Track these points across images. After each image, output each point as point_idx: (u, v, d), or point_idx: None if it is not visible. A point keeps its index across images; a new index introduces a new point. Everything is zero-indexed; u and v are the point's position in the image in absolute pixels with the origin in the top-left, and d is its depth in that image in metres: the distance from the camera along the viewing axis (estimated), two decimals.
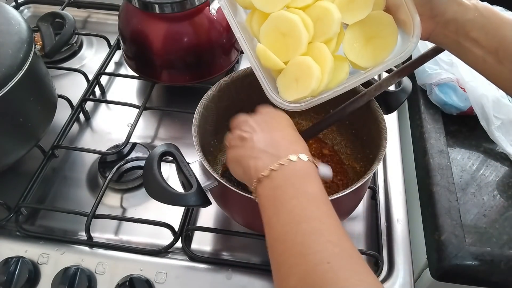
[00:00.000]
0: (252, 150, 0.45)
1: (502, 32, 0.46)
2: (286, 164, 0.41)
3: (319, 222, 0.38)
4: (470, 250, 0.63)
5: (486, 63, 0.47)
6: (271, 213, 0.41)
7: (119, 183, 0.72)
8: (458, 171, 0.73)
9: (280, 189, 0.41)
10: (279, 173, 0.41)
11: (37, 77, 0.70)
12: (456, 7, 0.46)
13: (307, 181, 0.41)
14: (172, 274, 0.61)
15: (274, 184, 0.41)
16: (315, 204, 0.39)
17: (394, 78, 0.59)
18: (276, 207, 0.40)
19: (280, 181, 0.41)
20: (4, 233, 0.66)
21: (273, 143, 0.45)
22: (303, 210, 0.39)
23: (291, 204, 0.39)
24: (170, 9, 0.75)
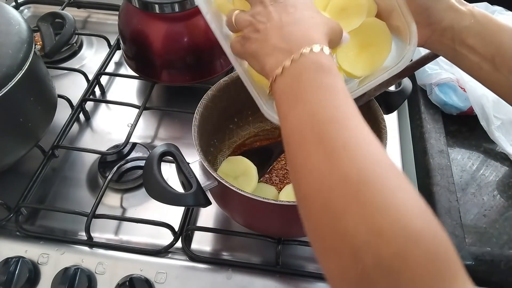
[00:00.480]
0: (267, 45, 0.43)
1: (499, 39, 0.46)
2: (298, 59, 0.39)
3: (335, 110, 0.36)
4: (470, 250, 0.63)
5: (483, 70, 0.48)
6: (286, 108, 0.40)
7: (119, 183, 0.72)
8: (458, 171, 0.73)
9: (295, 84, 0.39)
10: (292, 69, 0.40)
11: (37, 77, 0.70)
12: (453, 14, 0.46)
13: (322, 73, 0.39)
14: (172, 274, 0.61)
15: (288, 80, 0.40)
16: (331, 93, 0.38)
17: (394, 79, 0.59)
18: (292, 101, 0.39)
19: (294, 76, 0.40)
20: (4, 233, 0.66)
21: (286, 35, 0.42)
22: (320, 101, 0.37)
23: (306, 96, 0.38)
24: (170, 9, 0.75)
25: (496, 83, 0.48)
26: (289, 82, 0.40)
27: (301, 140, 0.37)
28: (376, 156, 0.34)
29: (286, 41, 0.41)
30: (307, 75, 0.39)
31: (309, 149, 0.35)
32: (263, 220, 0.60)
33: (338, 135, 0.35)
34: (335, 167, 0.33)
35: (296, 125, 0.38)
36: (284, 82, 0.40)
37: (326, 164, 0.34)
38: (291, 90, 0.40)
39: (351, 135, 0.35)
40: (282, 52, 0.41)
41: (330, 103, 0.37)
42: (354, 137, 0.35)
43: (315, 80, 0.39)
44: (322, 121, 0.36)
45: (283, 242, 0.63)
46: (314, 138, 0.36)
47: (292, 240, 0.64)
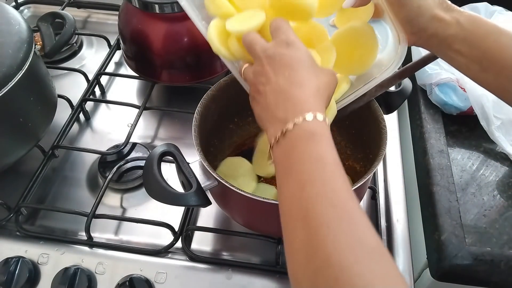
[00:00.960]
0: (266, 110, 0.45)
1: (486, 43, 0.46)
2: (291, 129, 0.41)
3: (322, 185, 0.37)
4: (470, 250, 0.63)
5: (471, 70, 0.49)
6: (281, 178, 0.41)
7: (119, 183, 0.72)
8: (458, 171, 0.73)
9: (287, 154, 0.41)
10: (286, 139, 0.41)
11: (37, 77, 0.70)
12: (436, 24, 0.46)
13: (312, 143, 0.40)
14: (172, 274, 0.61)
15: (283, 149, 0.42)
16: (320, 166, 0.39)
17: (395, 79, 0.59)
18: (284, 172, 0.41)
19: (288, 146, 0.41)
20: (4, 233, 0.66)
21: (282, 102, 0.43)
22: (307, 174, 0.38)
23: (296, 168, 0.39)
24: (170, 9, 0.75)
25: (485, 82, 0.49)
26: (283, 152, 0.41)
27: (291, 215, 0.38)
28: (359, 238, 0.35)
29: (282, 110, 0.43)
30: (299, 145, 0.40)
31: (297, 226, 0.37)
32: (263, 220, 0.60)
33: (322, 213, 0.35)
34: (319, 248, 0.34)
35: (288, 199, 0.39)
36: (279, 152, 0.42)
37: (311, 244, 0.35)
38: (284, 161, 0.41)
39: (336, 213, 0.35)
40: (279, 122, 0.42)
41: (318, 176, 0.38)
42: (338, 215, 0.35)
43: (306, 152, 0.40)
44: (309, 196, 0.37)
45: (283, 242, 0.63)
46: (301, 214, 0.37)
47: None
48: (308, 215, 0.36)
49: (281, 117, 0.43)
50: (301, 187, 0.38)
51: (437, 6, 0.46)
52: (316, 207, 0.36)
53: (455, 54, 0.48)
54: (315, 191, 0.37)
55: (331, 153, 0.40)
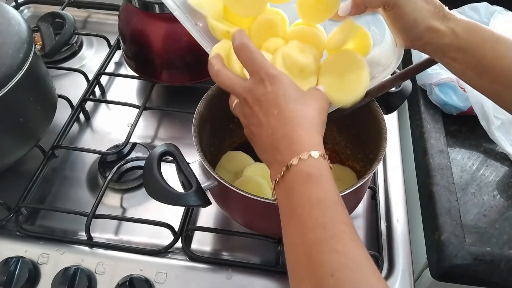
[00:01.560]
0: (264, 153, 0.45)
1: (481, 51, 0.46)
2: (289, 171, 0.41)
3: (323, 230, 0.37)
4: (470, 250, 0.63)
5: (466, 76, 0.49)
6: (284, 222, 0.41)
7: (119, 183, 0.72)
8: (458, 171, 0.73)
9: (288, 198, 0.41)
10: (285, 181, 0.41)
11: (37, 77, 0.70)
12: (431, 34, 0.46)
13: (310, 185, 0.40)
14: (172, 274, 0.61)
15: (283, 192, 0.42)
16: (320, 210, 0.39)
17: (397, 80, 0.59)
18: (286, 215, 0.41)
19: (287, 189, 0.41)
20: (4, 233, 0.66)
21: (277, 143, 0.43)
22: (308, 219, 0.38)
23: (296, 213, 0.40)
24: None
25: (480, 87, 0.50)
26: (284, 195, 0.42)
27: (296, 262, 0.38)
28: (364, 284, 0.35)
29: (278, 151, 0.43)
30: (297, 188, 0.40)
31: (302, 274, 0.37)
32: (263, 220, 0.60)
33: (326, 261, 0.36)
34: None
35: (291, 245, 0.40)
36: (280, 193, 0.42)
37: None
38: (285, 204, 0.42)
39: (339, 260, 0.36)
40: (278, 163, 0.43)
41: (318, 221, 0.38)
42: (342, 263, 0.36)
43: (304, 194, 0.40)
44: (312, 243, 0.37)
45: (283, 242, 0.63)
46: (305, 261, 0.37)
47: None
48: (312, 263, 0.36)
49: (279, 159, 0.43)
50: (303, 232, 0.38)
51: (432, 17, 0.46)
52: (319, 255, 0.36)
53: (450, 60, 0.48)
54: (317, 237, 0.37)
55: (330, 194, 0.40)
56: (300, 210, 0.39)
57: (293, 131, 0.43)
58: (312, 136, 0.43)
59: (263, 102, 0.44)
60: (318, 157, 0.41)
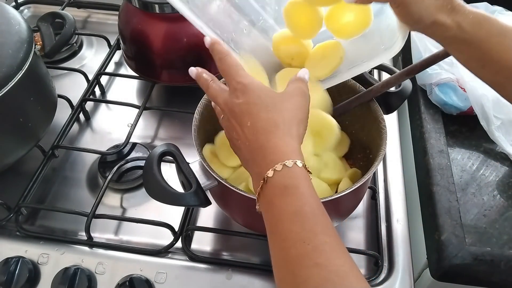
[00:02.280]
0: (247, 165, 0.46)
1: (487, 45, 0.46)
2: (266, 183, 0.41)
3: (303, 244, 0.37)
4: (470, 250, 0.63)
5: (469, 65, 0.49)
6: (268, 236, 0.41)
7: (119, 183, 0.72)
8: (458, 171, 0.73)
9: (268, 212, 0.41)
10: (264, 194, 0.41)
11: (37, 77, 0.70)
12: (436, 28, 0.46)
13: (286, 198, 0.40)
14: (172, 274, 0.61)
15: (264, 206, 0.42)
16: (299, 223, 0.38)
17: (402, 76, 0.59)
18: (269, 229, 0.41)
19: (267, 203, 0.41)
20: (4, 233, 0.66)
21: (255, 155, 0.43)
22: (288, 234, 0.38)
23: (277, 228, 0.39)
24: (170, 9, 0.75)
25: (483, 78, 0.50)
26: (266, 209, 0.42)
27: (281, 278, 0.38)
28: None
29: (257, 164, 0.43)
30: (276, 202, 0.40)
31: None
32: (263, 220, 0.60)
33: (309, 276, 0.36)
34: None
35: (276, 261, 0.39)
36: (262, 207, 0.42)
37: None
38: (267, 218, 0.41)
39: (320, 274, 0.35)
40: (257, 176, 0.43)
41: (298, 235, 0.38)
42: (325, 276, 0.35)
43: (282, 208, 0.40)
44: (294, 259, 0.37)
45: None
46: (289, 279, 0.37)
47: None
48: (296, 280, 0.36)
49: (257, 171, 0.43)
50: (285, 248, 0.38)
51: (439, 10, 0.45)
52: (302, 271, 0.36)
53: (454, 51, 0.49)
54: (298, 252, 0.37)
55: (307, 204, 0.39)
56: (281, 225, 0.39)
57: (267, 141, 0.42)
58: (287, 143, 0.42)
59: (237, 114, 0.44)
60: (292, 166, 0.40)
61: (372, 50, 0.53)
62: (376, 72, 0.90)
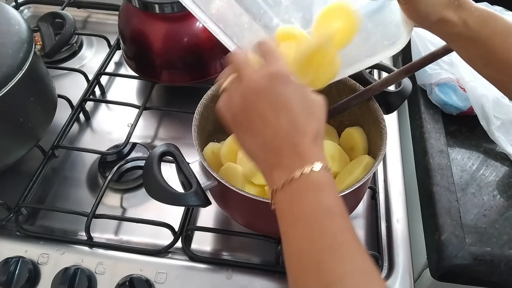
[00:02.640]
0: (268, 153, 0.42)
1: (491, 43, 0.46)
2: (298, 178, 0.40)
3: (333, 238, 0.37)
4: (470, 250, 0.63)
5: (472, 63, 0.49)
6: (286, 227, 0.40)
7: (119, 183, 0.72)
8: (458, 171, 0.73)
9: (294, 203, 0.40)
10: (292, 187, 0.40)
11: (37, 77, 0.70)
12: (442, 24, 0.46)
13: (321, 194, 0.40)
14: (172, 274, 0.61)
15: (288, 198, 0.41)
16: (329, 218, 0.39)
17: (401, 74, 0.59)
18: (291, 221, 0.40)
19: (294, 195, 0.40)
20: (4, 233, 0.66)
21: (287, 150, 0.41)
22: (317, 226, 0.38)
23: (305, 219, 0.39)
24: (170, 9, 0.75)
25: (486, 76, 0.50)
26: (289, 200, 0.40)
27: (301, 266, 0.38)
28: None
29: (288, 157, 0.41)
30: (306, 196, 0.39)
31: (308, 278, 0.37)
32: (263, 220, 0.60)
33: (335, 267, 0.36)
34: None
35: (296, 249, 0.39)
36: (284, 198, 0.41)
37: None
38: (291, 209, 0.40)
39: (347, 267, 0.36)
40: (284, 169, 0.41)
41: (328, 229, 0.38)
42: (350, 270, 0.36)
43: (314, 202, 0.39)
44: (320, 249, 0.37)
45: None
46: (312, 267, 0.37)
47: None
48: (320, 268, 0.36)
49: (287, 164, 0.41)
50: (310, 239, 0.38)
51: (446, 6, 0.46)
52: (328, 261, 0.36)
53: (458, 48, 0.48)
54: (326, 243, 0.37)
55: (338, 205, 0.40)
56: (309, 217, 0.39)
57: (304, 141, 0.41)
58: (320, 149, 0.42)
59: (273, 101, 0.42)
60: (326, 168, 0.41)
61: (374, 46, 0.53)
62: (376, 72, 0.90)
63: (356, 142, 0.65)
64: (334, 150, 0.65)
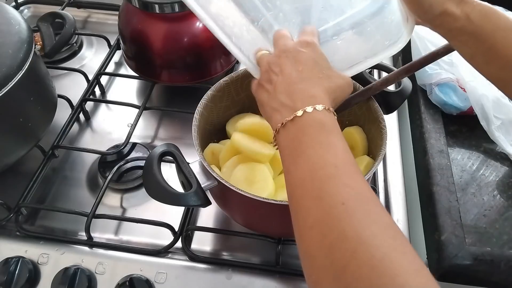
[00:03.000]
0: (274, 99, 0.46)
1: (493, 39, 0.46)
2: (301, 116, 0.42)
3: (335, 168, 0.38)
4: (470, 250, 0.63)
5: (474, 60, 0.49)
6: (289, 162, 0.42)
7: (119, 183, 0.72)
8: (458, 171, 0.73)
9: (297, 140, 0.42)
10: (295, 124, 0.42)
11: (37, 77, 0.70)
12: (444, 18, 0.46)
13: (323, 131, 0.41)
14: (172, 274, 0.61)
15: (291, 135, 0.42)
16: (332, 151, 0.40)
17: (401, 74, 0.59)
18: (294, 156, 0.41)
19: (297, 132, 0.42)
20: (4, 233, 0.66)
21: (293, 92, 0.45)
22: (320, 158, 0.39)
23: (307, 153, 0.40)
24: (170, 9, 0.75)
25: (487, 74, 0.50)
26: (292, 137, 0.42)
27: (303, 195, 0.39)
28: (374, 215, 0.35)
29: (292, 99, 0.44)
30: (309, 132, 0.41)
31: (310, 205, 0.37)
32: (263, 220, 0.60)
33: (337, 192, 0.36)
34: (334, 224, 0.35)
35: (298, 180, 0.40)
36: (287, 136, 0.43)
37: (326, 221, 0.35)
38: (293, 145, 0.42)
39: (350, 192, 0.36)
40: (288, 109, 0.44)
41: (330, 161, 0.39)
42: (353, 195, 0.36)
43: (317, 138, 0.41)
44: (322, 177, 0.38)
45: (283, 242, 0.63)
46: (314, 193, 0.37)
47: (292, 240, 0.64)
48: (322, 194, 0.37)
49: (290, 104, 0.44)
50: (313, 170, 0.39)
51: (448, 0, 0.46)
52: (330, 187, 0.37)
53: (460, 44, 0.48)
54: (329, 173, 0.38)
55: (342, 143, 0.41)
56: (311, 150, 0.40)
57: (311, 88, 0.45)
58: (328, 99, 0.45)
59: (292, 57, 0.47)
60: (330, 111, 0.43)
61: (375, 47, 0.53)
62: (376, 72, 0.90)
63: (356, 142, 0.65)
64: None
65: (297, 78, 0.45)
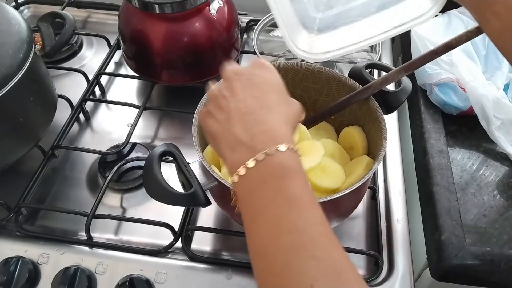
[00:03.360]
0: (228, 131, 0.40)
1: None
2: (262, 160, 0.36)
3: (301, 234, 0.34)
4: (470, 250, 0.63)
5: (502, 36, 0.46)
6: (249, 219, 0.37)
7: (119, 183, 0.72)
8: (458, 171, 0.73)
9: (257, 192, 0.37)
10: (255, 171, 0.37)
11: (37, 77, 0.70)
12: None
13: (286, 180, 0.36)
14: (172, 274, 0.61)
15: (251, 185, 0.37)
16: (295, 209, 0.35)
17: (401, 72, 0.59)
18: (254, 213, 0.37)
19: (257, 181, 0.37)
20: (4, 233, 0.66)
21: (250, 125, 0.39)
22: (282, 219, 0.35)
23: (269, 211, 0.35)
24: (170, 9, 0.75)
25: None
26: (251, 187, 0.37)
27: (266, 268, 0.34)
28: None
29: (250, 135, 0.38)
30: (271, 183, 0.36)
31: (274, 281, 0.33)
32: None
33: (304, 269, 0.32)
34: None
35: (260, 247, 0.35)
36: (246, 185, 0.38)
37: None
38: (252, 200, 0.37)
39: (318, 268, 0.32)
40: (246, 149, 0.38)
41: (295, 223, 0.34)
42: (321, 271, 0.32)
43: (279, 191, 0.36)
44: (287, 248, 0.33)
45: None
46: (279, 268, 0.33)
47: None
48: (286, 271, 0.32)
49: (248, 142, 0.38)
50: (275, 235, 0.34)
51: None
52: (296, 262, 0.32)
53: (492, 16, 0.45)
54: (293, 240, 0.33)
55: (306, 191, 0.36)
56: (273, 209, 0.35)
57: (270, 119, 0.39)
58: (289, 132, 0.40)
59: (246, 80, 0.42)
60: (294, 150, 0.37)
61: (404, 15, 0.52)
62: (376, 72, 0.90)
63: (356, 141, 0.65)
64: (334, 148, 0.65)
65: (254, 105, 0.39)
